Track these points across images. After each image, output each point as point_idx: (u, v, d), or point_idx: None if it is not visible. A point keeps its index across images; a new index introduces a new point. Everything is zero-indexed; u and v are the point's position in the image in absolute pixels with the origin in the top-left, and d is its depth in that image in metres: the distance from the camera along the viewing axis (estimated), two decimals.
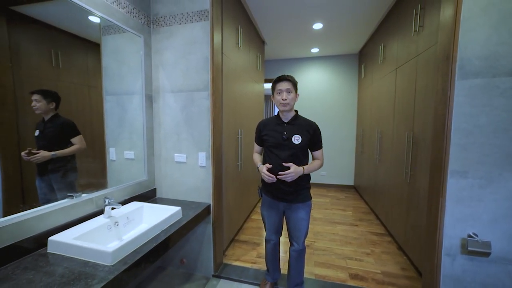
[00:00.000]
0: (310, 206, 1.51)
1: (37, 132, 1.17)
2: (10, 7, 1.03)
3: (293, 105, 1.43)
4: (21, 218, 1.02)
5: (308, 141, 1.42)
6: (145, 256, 1.06)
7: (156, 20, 1.75)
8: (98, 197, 1.39)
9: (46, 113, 1.20)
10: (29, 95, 1.10)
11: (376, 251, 2.18)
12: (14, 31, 1.03)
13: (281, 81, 1.40)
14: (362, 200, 3.64)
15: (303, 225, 1.48)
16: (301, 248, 1.51)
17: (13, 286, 0.83)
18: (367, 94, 3.51)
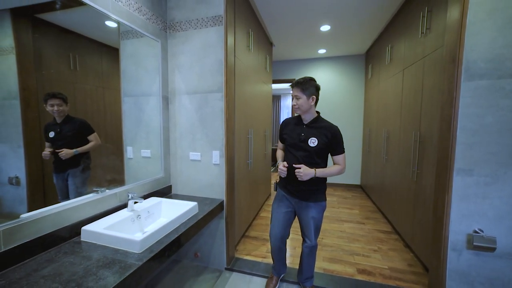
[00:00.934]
0: (323, 206, 1.50)
1: (52, 134, 1.21)
2: (35, 15, 1.10)
3: (306, 108, 1.42)
4: (59, 209, 1.13)
5: (326, 145, 1.40)
6: (168, 246, 1.15)
7: (173, 26, 1.84)
8: (121, 192, 1.49)
9: (62, 116, 1.26)
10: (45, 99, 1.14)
11: (383, 248, 2.23)
12: (38, 37, 1.10)
13: (292, 88, 1.44)
14: (369, 199, 3.68)
15: (314, 223, 1.50)
16: (313, 245, 1.55)
17: (59, 266, 0.93)
18: (373, 94, 3.54)
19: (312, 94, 1.41)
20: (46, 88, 1.16)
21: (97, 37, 1.39)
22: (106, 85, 1.47)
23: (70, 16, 1.24)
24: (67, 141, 1.27)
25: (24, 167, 1.05)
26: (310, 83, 1.40)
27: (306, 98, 1.40)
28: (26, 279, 0.86)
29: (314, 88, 1.41)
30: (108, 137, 1.49)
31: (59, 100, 1.21)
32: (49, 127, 1.21)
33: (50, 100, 1.18)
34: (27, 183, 1.06)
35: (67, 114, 1.26)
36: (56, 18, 1.18)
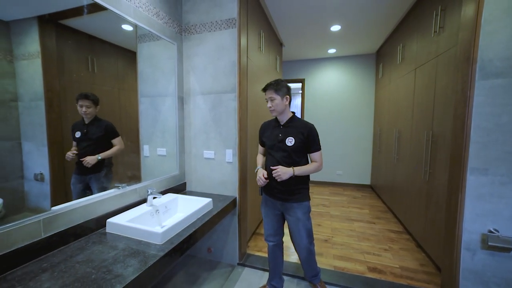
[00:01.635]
0: (307, 207, 1.47)
1: (79, 134, 1.25)
2: (59, 21, 1.16)
3: (282, 109, 1.42)
4: (86, 202, 1.21)
5: (302, 143, 1.40)
6: (186, 239, 1.22)
7: (188, 29, 1.92)
8: (141, 188, 1.57)
9: (90, 117, 1.29)
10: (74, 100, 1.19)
11: (394, 248, 2.23)
12: (60, 42, 1.17)
13: (265, 91, 1.44)
14: (379, 199, 3.65)
15: (301, 226, 1.45)
16: (307, 247, 1.51)
17: (90, 254, 1.01)
18: (384, 93, 3.52)
19: (285, 94, 1.41)
20: (67, 90, 1.21)
21: (114, 40, 1.44)
22: (122, 86, 1.53)
23: (90, 22, 1.30)
24: (92, 142, 1.30)
25: (47, 165, 1.11)
26: (282, 83, 1.42)
27: (281, 98, 1.40)
28: (64, 263, 0.95)
29: (286, 88, 1.42)
30: (126, 136, 1.56)
31: (89, 101, 1.27)
32: (76, 126, 1.25)
33: (81, 100, 1.24)
34: (51, 179, 1.12)
35: (95, 116, 1.31)
36: (77, 23, 1.24)
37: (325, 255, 2.11)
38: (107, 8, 1.32)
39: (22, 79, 1.00)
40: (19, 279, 0.86)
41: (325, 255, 2.11)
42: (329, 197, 3.80)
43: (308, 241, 1.50)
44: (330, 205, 3.42)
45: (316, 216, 3.01)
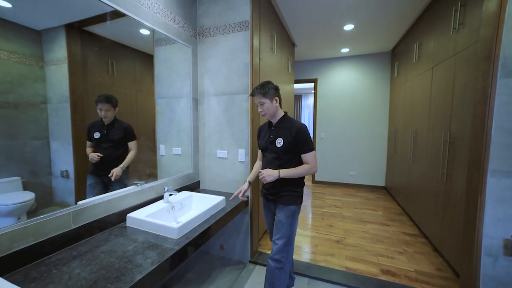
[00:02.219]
0: (291, 210, 1.37)
1: (98, 135, 1.27)
2: (83, 28, 1.24)
3: (273, 111, 1.40)
4: (108, 198, 1.30)
5: (291, 143, 1.34)
6: (201, 234, 1.27)
7: (202, 32, 1.98)
8: (158, 185, 1.65)
9: (110, 118, 1.32)
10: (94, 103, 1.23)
11: (409, 251, 2.17)
12: (84, 47, 1.24)
13: (253, 97, 1.42)
14: (394, 201, 3.55)
15: (280, 228, 1.36)
16: (278, 258, 1.33)
17: (113, 245, 1.09)
18: (400, 93, 3.42)
19: (273, 95, 1.38)
20: (90, 92, 1.28)
21: (132, 44, 1.52)
22: (140, 88, 1.60)
23: (111, 28, 1.37)
24: (112, 144, 1.33)
25: (72, 162, 1.19)
26: (268, 86, 1.37)
27: (270, 101, 1.37)
28: (90, 253, 1.03)
29: (273, 89, 1.38)
30: (143, 135, 1.64)
31: (108, 104, 1.30)
32: (94, 127, 1.27)
33: (100, 104, 1.28)
34: (75, 176, 1.19)
35: (114, 117, 1.36)
36: (100, 30, 1.31)
37: (337, 255, 2.09)
38: (127, 15, 1.40)
39: (51, 83, 1.08)
40: (54, 264, 0.95)
41: (337, 255, 2.09)
42: (341, 198, 3.75)
43: (283, 249, 1.33)
44: (343, 206, 3.38)
45: (328, 217, 2.99)
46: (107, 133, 1.32)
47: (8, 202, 0.95)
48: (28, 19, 1.01)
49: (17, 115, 0.97)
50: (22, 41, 0.98)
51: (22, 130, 0.99)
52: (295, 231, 1.41)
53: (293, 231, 1.39)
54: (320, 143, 4.59)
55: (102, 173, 1.32)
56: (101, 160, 1.29)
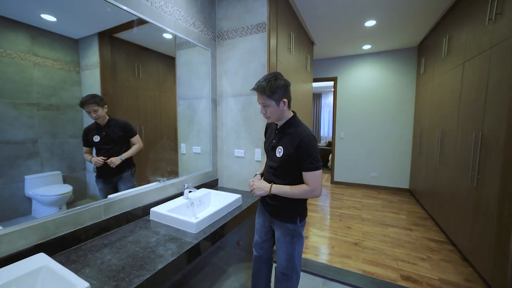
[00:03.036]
0: (290, 230, 1.20)
1: (97, 138, 1.24)
2: (113, 34, 1.34)
3: (279, 115, 1.16)
4: (134, 193, 1.41)
5: (291, 156, 1.11)
6: (218, 230, 1.33)
7: (221, 35, 2.04)
8: (178, 182, 1.75)
9: (103, 119, 1.25)
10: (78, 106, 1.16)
11: (434, 258, 2.06)
12: (114, 52, 1.34)
13: (257, 92, 1.15)
14: (418, 205, 3.37)
15: (280, 247, 1.24)
16: (284, 272, 1.25)
17: (138, 236, 1.19)
18: (427, 90, 3.22)
19: (281, 97, 1.11)
20: (118, 94, 1.38)
21: (156, 48, 1.61)
22: (162, 89, 1.69)
23: (137, 33, 1.46)
24: (114, 144, 1.30)
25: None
26: (276, 84, 1.09)
27: (276, 104, 1.11)
28: (119, 242, 1.13)
29: (283, 88, 1.11)
30: (166, 134, 1.74)
31: (94, 104, 1.20)
32: (91, 131, 1.22)
33: (86, 106, 1.18)
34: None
35: (108, 117, 1.29)
36: (127, 35, 1.41)
37: (354, 258, 2.05)
38: (152, 23, 1.49)
39: (85, 86, 1.19)
40: (89, 250, 1.06)
41: (354, 258, 2.06)
42: (361, 199, 3.64)
43: (287, 265, 1.23)
44: (362, 208, 3.28)
45: (346, 218, 2.92)
46: (106, 134, 1.27)
47: (52, 193, 1.08)
48: (68, 29, 1.13)
49: (58, 116, 1.09)
50: (63, 50, 1.10)
51: (62, 130, 1.11)
52: (298, 247, 1.23)
53: (295, 249, 1.22)
54: (339, 143, 4.48)
55: (111, 175, 1.31)
56: (103, 165, 1.27)
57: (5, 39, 0.93)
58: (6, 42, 0.93)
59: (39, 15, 1.02)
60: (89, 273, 0.90)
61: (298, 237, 1.22)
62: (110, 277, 0.88)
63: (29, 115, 0.99)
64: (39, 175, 1.03)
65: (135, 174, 1.47)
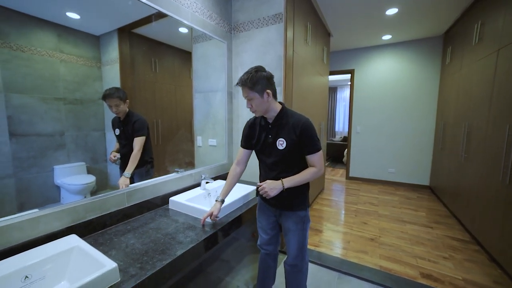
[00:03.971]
0: (300, 217, 1.22)
1: (118, 131, 1.27)
2: (131, 30, 1.37)
3: (265, 107, 1.14)
4: (154, 182, 1.46)
5: (296, 144, 1.13)
6: (234, 220, 1.35)
7: (237, 27, 2.03)
8: (196, 173, 1.79)
9: (123, 113, 1.28)
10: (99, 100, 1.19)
11: (457, 257, 1.97)
12: (132, 48, 1.37)
13: (241, 87, 1.14)
14: (439, 202, 3.22)
15: (291, 237, 1.24)
16: (294, 263, 1.27)
17: (158, 223, 1.24)
18: (452, 81, 3.03)
19: (264, 88, 1.11)
20: (136, 88, 1.41)
21: (172, 43, 1.63)
22: (178, 83, 1.72)
23: (154, 28, 1.48)
24: (130, 141, 1.31)
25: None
26: (257, 75, 1.09)
27: (259, 96, 1.11)
28: (141, 228, 1.19)
29: (264, 79, 1.11)
30: (183, 127, 1.77)
31: (116, 99, 1.22)
32: (115, 124, 1.27)
33: (108, 100, 1.20)
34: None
35: (128, 111, 1.30)
36: (145, 31, 1.44)
37: (370, 253, 2.01)
38: (170, 16, 1.51)
39: (106, 81, 1.24)
40: (114, 234, 1.13)
41: (370, 253, 2.02)
42: (378, 195, 3.54)
43: (297, 254, 1.25)
44: (379, 204, 3.19)
45: (362, 214, 2.86)
46: (124, 130, 1.30)
47: (78, 183, 1.15)
48: (91, 26, 1.17)
49: (82, 110, 1.15)
50: (86, 46, 1.15)
51: (85, 123, 1.17)
52: (307, 234, 1.28)
53: (305, 234, 1.26)
54: (355, 137, 4.36)
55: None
56: (122, 158, 1.29)
57: (36, 38, 0.98)
58: (37, 40, 0.98)
59: (65, 13, 1.07)
60: (115, 255, 0.96)
61: (308, 222, 1.26)
62: (135, 259, 0.93)
63: (56, 109, 1.05)
64: (66, 166, 1.10)
65: (151, 170, 1.48)
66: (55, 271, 0.85)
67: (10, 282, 0.75)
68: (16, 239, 0.90)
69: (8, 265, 0.79)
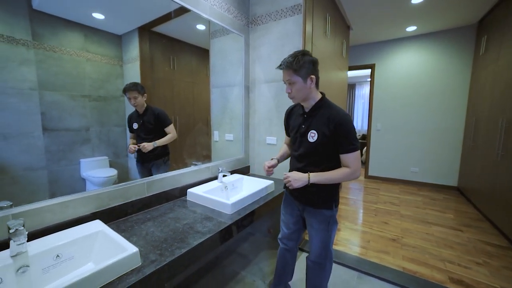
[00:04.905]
0: (325, 216, 1.15)
1: (136, 125, 1.31)
2: (151, 29, 1.40)
3: (306, 94, 1.08)
4: (173, 173, 1.49)
5: (328, 139, 1.05)
6: (251, 213, 1.34)
7: (254, 20, 2.01)
8: (213, 166, 1.80)
9: (141, 107, 1.32)
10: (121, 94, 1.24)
11: (493, 264, 1.81)
12: (152, 46, 1.40)
13: (283, 69, 1.08)
14: (469, 205, 3.00)
15: (314, 235, 1.20)
16: (317, 261, 1.23)
17: (176, 214, 1.26)
18: (487, 73, 2.79)
19: (309, 73, 1.04)
20: (155, 85, 1.44)
21: (190, 40, 1.65)
22: (196, 80, 1.74)
23: (173, 26, 1.50)
24: (149, 133, 1.36)
25: None
26: (303, 59, 1.03)
27: (303, 80, 1.04)
28: (160, 217, 1.21)
29: (310, 64, 1.04)
30: (200, 122, 1.79)
31: (135, 91, 1.28)
32: (132, 118, 1.31)
33: (128, 92, 1.26)
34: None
35: (146, 105, 1.35)
36: (164, 29, 1.46)
37: (392, 254, 1.92)
38: (188, 9, 1.52)
39: (127, 79, 1.28)
40: (135, 222, 1.16)
41: (392, 254, 1.92)
42: (399, 195, 3.37)
43: (320, 253, 1.20)
44: (400, 204, 3.04)
45: (382, 213, 2.74)
46: (143, 122, 1.34)
47: (102, 175, 1.20)
48: (114, 26, 1.21)
49: (105, 107, 1.20)
50: (109, 45, 1.19)
51: (108, 119, 1.21)
52: (333, 234, 1.20)
53: (331, 235, 1.18)
54: (375, 135, 4.18)
55: (146, 160, 1.39)
56: (139, 151, 1.34)
57: (65, 38, 1.04)
58: (66, 41, 1.04)
59: (91, 14, 1.12)
60: (136, 241, 0.98)
61: (334, 223, 1.18)
62: (155, 246, 0.95)
63: (82, 106, 1.10)
64: (91, 159, 1.15)
65: (168, 162, 1.53)
66: (82, 253, 0.89)
67: (44, 259, 0.81)
68: (48, 221, 0.96)
69: (43, 243, 0.85)
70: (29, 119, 0.95)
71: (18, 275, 0.74)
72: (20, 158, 0.93)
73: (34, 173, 0.97)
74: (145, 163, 1.40)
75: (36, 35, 0.95)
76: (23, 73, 0.92)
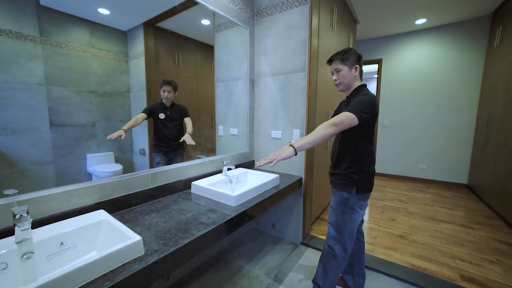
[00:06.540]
0: (343, 198, 1.21)
1: (163, 116, 1.43)
2: (156, 24, 1.38)
3: (350, 80, 1.21)
4: (177, 166, 1.48)
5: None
6: (255, 206, 1.32)
7: (260, 12, 1.98)
8: (217, 160, 1.78)
9: (170, 101, 1.46)
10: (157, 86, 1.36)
11: (507, 262, 1.75)
12: (157, 41, 1.39)
13: (330, 63, 1.26)
14: (481, 202, 2.91)
15: (331, 213, 1.28)
16: (330, 244, 1.27)
17: (181, 206, 1.25)
18: (501, 67, 2.69)
19: (354, 63, 1.19)
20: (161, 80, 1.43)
21: (194, 36, 1.64)
22: (200, 76, 1.72)
23: (177, 21, 1.49)
24: (176, 123, 1.52)
25: (147, 142, 1.40)
26: (350, 52, 1.20)
27: (348, 68, 1.19)
28: (164, 209, 1.21)
29: (355, 57, 1.19)
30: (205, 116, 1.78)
31: (171, 87, 1.45)
32: (159, 109, 1.42)
33: (165, 86, 1.42)
34: (149, 153, 1.40)
35: (173, 100, 1.50)
36: (168, 24, 1.45)
37: (400, 251, 1.87)
38: (193, 1, 1.50)
39: (132, 74, 1.27)
40: (139, 213, 1.15)
41: (400, 251, 1.87)
42: (407, 192, 3.30)
43: (334, 235, 1.25)
44: (408, 201, 2.97)
45: (389, 210, 2.68)
46: (171, 114, 1.48)
47: (107, 170, 1.20)
48: (119, 22, 1.20)
49: (110, 102, 1.19)
50: (115, 41, 1.19)
51: (114, 114, 1.21)
52: (349, 221, 1.21)
53: (346, 220, 1.21)
54: (382, 131, 4.10)
55: (168, 150, 1.49)
56: (166, 138, 1.48)
57: (72, 34, 1.04)
58: (73, 37, 1.04)
59: (97, 10, 1.11)
60: (140, 231, 0.97)
61: (351, 209, 1.20)
62: (158, 236, 0.94)
63: (88, 101, 1.10)
64: (97, 154, 1.15)
65: (183, 153, 1.62)
66: (86, 242, 0.89)
67: (49, 246, 0.82)
68: (54, 209, 0.96)
69: (48, 230, 0.86)
70: (37, 114, 0.95)
71: (23, 261, 0.74)
72: (29, 153, 0.94)
73: (42, 167, 0.97)
74: (167, 152, 1.49)
75: (44, 31, 0.95)
76: (31, 68, 0.93)
